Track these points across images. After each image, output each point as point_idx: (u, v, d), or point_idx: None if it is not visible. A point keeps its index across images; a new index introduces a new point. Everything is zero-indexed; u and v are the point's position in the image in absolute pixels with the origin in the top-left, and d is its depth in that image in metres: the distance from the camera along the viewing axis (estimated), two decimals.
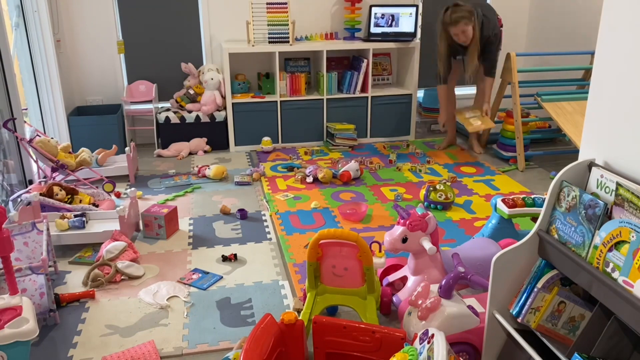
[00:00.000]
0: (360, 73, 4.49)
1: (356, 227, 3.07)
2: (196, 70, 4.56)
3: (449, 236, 2.96)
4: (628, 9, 1.42)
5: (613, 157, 1.50)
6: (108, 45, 4.46)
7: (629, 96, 1.43)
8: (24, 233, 2.50)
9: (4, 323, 1.79)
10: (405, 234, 2.10)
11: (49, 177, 3.47)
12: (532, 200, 2.60)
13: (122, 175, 3.81)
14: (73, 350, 2.06)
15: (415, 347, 1.61)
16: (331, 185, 3.70)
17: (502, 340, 1.78)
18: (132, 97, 4.53)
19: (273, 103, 4.46)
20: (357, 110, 4.62)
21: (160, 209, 2.98)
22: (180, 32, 4.63)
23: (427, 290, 1.87)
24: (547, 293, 1.54)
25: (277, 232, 3.03)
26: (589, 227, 1.41)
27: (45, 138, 3.38)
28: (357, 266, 2.04)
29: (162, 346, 2.08)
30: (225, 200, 3.46)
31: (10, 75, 3.26)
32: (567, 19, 4.59)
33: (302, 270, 2.58)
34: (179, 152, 4.36)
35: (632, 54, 1.42)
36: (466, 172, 3.98)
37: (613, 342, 1.37)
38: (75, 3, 4.33)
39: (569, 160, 1.64)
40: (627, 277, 1.27)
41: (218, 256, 2.76)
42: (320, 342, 1.86)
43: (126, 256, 2.65)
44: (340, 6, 4.73)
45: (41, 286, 2.15)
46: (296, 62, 4.65)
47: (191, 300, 2.38)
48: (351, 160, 3.93)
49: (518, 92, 3.95)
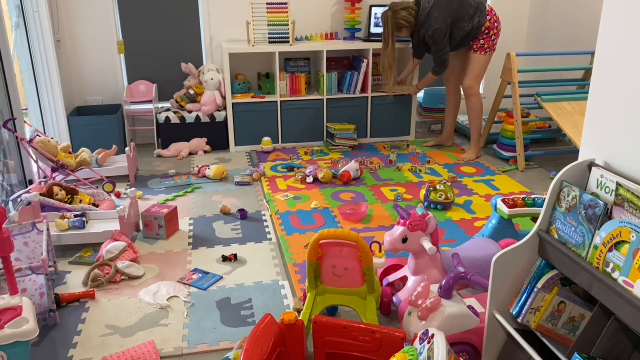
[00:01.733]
0: (360, 73, 4.49)
1: (356, 227, 3.07)
2: (196, 70, 4.56)
3: (449, 236, 2.96)
4: (628, 9, 1.42)
5: (613, 157, 1.50)
6: (108, 45, 4.46)
7: (629, 96, 1.43)
8: (24, 233, 2.50)
9: (4, 323, 1.79)
10: (405, 234, 2.10)
11: (49, 177, 3.47)
12: (532, 200, 2.60)
13: (122, 175, 3.81)
14: (73, 350, 2.06)
15: (415, 347, 1.61)
16: (331, 185, 3.70)
17: (502, 340, 1.78)
18: (132, 97, 4.53)
19: (273, 103, 4.46)
20: (357, 110, 4.62)
21: (160, 209, 2.98)
22: (180, 32, 4.63)
23: (427, 290, 1.87)
24: (547, 293, 1.54)
25: (277, 232, 3.03)
26: (589, 227, 1.41)
27: (45, 138, 3.38)
28: (357, 266, 2.04)
29: (162, 346, 2.08)
30: (225, 200, 3.46)
31: (10, 75, 3.26)
32: (567, 19, 4.59)
33: (302, 270, 2.58)
34: (179, 152, 4.36)
35: (632, 54, 1.42)
36: (466, 172, 3.98)
37: (613, 342, 1.37)
38: (75, 3, 4.33)
39: (569, 160, 1.64)
40: (627, 277, 1.27)
41: (218, 256, 2.76)
42: (320, 342, 1.86)
43: (126, 256, 2.65)
44: (340, 6, 4.73)
45: (41, 286, 2.15)
46: (296, 62, 4.64)
47: (191, 300, 2.38)
48: (351, 160, 3.93)
49: (518, 92, 3.95)
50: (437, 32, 3.83)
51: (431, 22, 3.82)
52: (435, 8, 3.82)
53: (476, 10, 3.87)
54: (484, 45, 3.97)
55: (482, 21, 3.89)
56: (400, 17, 3.90)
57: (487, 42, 3.97)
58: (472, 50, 4.00)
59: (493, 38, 3.98)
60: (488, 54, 4.02)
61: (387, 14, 3.96)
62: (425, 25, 3.86)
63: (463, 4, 3.86)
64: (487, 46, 3.98)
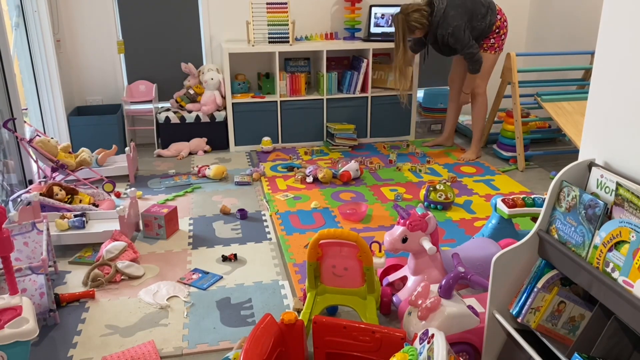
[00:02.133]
0: (360, 73, 4.49)
1: (356, 227, 3.07)
2: (196, 70, 4.56)
3: (449, 236, 2.96)
4: (628, 9, 1.42)
5: (613, 157, 1.50)
6: (108, 45, 4.46)
7: (629, 96, 1.43)
8: (24, 233, 2.50)
9: (4, 323, 1.78)
10: (405, 234, 2.10)
11: (49, 177, 3.47)
12: (532, 200, 2.60)
13: (122, 175, 3.81)
14: (73, 350, 2.06)
15: (415, 347, 1.61)
16: (331, 185, 3.70)
17: (502, 340, 1.78)
18: (132, 97, 4.53)
19: (273, 103, 4.46)
20: (357, 110, 4.62)
21: (160, 209, 2.98)
22: (180, 32, 4.63)
23: (427, 290, 1.87)
24: (547, 293, 1.54)
25: (277, 232, 3.03)
26: (589, 227, 1.41)
27: (45, 138, 3.38)
28: (357, 266, 2.04)
29: (162, 346, 2.08)
30: (225, 200, 3.46)
31: (10, 75, 3.26)
32: (567, 19, 4.59)
33: (302, 270, 2.58)
34: (179, 152, 4.36)
35: (632, 54, 1.41)
36: (466, 172, 3.98)
37: (613, 342, 1.37)
38: (75, 3, 4.33)
39: (569, 160, 1.64)
40: (627, 277, 1.27)
41: (218, 256, 2.76)
42: (320, 342, 1.85)
43: (126, 256, 2.65)
44: (340, 6, 4.73)
45: (41, 286, 2.15)
46: (296, 62, 4.64)
47: (191, 300, 2.38)
48: (351, 161, 3.93)
49: (518, 92, 3.95)
50: (457, 29, 3.81)
51: (449, 21, 3.80)
52: (451, 7, 3.81)
53: (487, 9, 3.88)
54: (494, 45, 3.98)
55: (493, 20, 3.89)
56: (412, 19, 3.87)
57: (497, 41, 3.98)
58: (482, 50, 4.00)
59: (503, 37, 3.99)
60: (497, 53, 4.03)
61: (398, 17, 3.90)
62: (444, 25, 3.83)
63: (475, 3, 3.86)
64: (497, 45, 3.99)
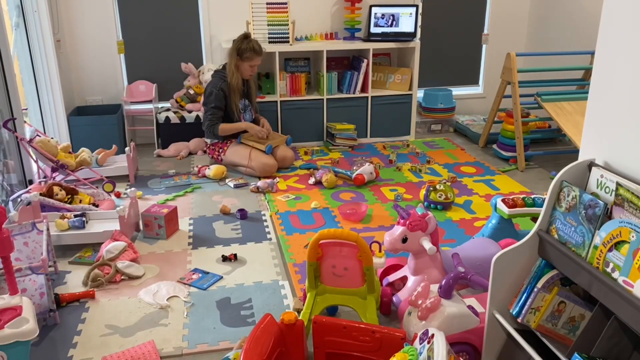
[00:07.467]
0: (360, 73, 4.49)
1: (356, 227, 3.06)
2: (196, 70, 4.56)
3: (449, 236, 2.95)
4: (628, 9, 1.42)
5: (613, 157, 1.50)
6: (108, 45, 4.46)
7: (629, 96, 1.43)
8: (24, 233, 2.50)
9: (4, 323, 1.79)
10: (405, 234, 2.10)
11: (49, 177, 3.47)
12: (532, 200, 2.60)
13: (122, 175, 3.81)
14: (73, 350, 2.06)
15: (415, 347, 1.61)
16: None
17: (502, 340, 1.78)
18: (132, 97, 4.53)
19: (273, 103, 4.46)
20: (357, 110, 4.62)
21: (160, 209, 2.98)
22: (180, 32, 4.63)
23: (427, 290, 1.87)
24: (547, 293, 1.54)
25: (277, 232, 3.03)
26: (589, 227, 1.41)
27: (45, 138, 3.38)
28: (357, 266, 2.04)
29: (162, 346, 2.08)
30: (225, 200, 3.46)
31: (10, 75, 3.26)
32: (567, 19, 4.59)
33: (302, 270, 2.58)
34: (179, 152, 4.36)
35: (632, 54, 1.42)
36: (466, 172, 3.98)
37: (613, 342, 1.37)
38: (75, 3, 4.33)
39: (569, 160, 1.64)
40: (627, 277, 1.27)
41: (218, 256, 2.76)
42: (320, 342, 1.86)
43: (126, 256, 2.65)
44: (340, 6, 4.72)
45: (41, 286, 2.15)
46: (296, 62, 4.64)
47: (191, 300, 2.38)
48: (365, 163, 3.78)
49: (518, 92, 3.95)
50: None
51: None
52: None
53: None
54: None
55: None
56: None
57: None
58: None
59: None
60: None
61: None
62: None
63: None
64: None
